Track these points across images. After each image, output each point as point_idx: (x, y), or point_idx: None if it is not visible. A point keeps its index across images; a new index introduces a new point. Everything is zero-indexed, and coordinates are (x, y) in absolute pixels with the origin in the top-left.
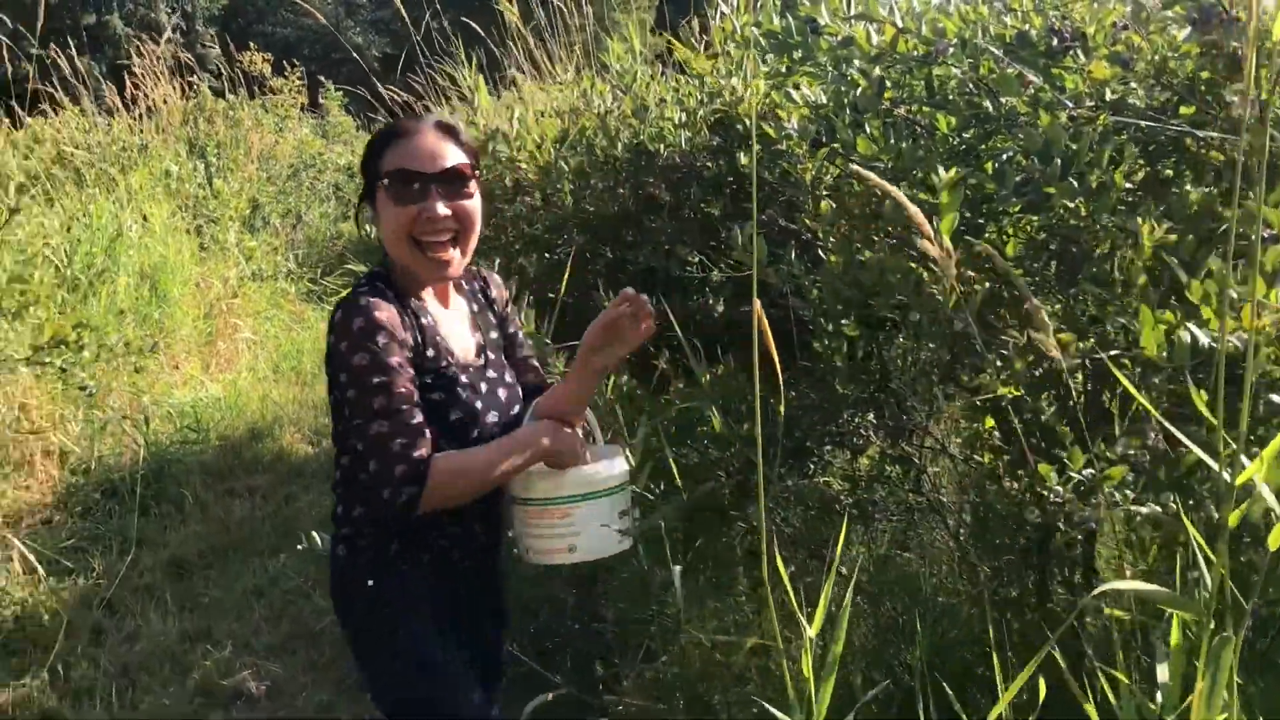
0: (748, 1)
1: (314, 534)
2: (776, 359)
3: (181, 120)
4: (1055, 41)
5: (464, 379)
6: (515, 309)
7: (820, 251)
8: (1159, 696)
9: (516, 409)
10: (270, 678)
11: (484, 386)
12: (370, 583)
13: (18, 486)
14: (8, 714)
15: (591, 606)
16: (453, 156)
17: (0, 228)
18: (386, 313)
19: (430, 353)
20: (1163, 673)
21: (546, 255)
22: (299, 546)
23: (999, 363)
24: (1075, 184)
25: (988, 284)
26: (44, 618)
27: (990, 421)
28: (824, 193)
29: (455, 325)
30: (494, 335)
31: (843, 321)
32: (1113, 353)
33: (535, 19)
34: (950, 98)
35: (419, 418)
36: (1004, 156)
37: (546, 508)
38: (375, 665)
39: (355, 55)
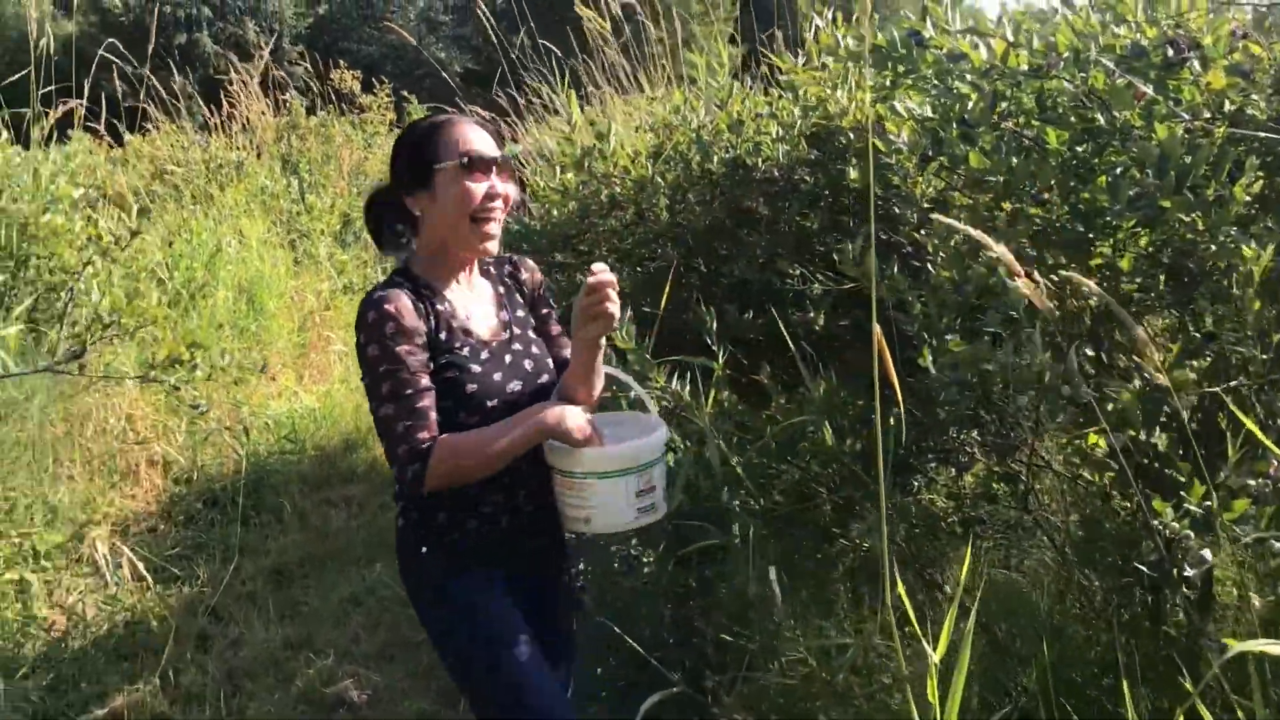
0: (843, 15)
1: None
2: (895, 380)
3: (275, 137)
4: (1171, 52)
5: (484, 355)
6: (551, 291)
7: (927, 265)
8: None
9: (545, 378)
10: (370, 686)
11: (508, 359)
12: (424, 549)
13: (125, 495)
14: (122, 718)
15: (689, 620)
16: (498, 147)
17: (122, 249)
18: (396, 304)
19: (443, 335)
20: None
21: (639, 269)
22: None
23: (1109, 396)
24: (1191, 198)
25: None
26: (152, 624)
27: (1096, 439)
28: (928, 206)
29: (478, 306)
30: (520, 314)
31: (947, 336)
32: (1230, 384)
33: (621, 34)
34: (1061, 111)
35: (424, 402)
36: (1117, 170)
37: (569, 479)
38: (433, 624)
39: (441, 71)
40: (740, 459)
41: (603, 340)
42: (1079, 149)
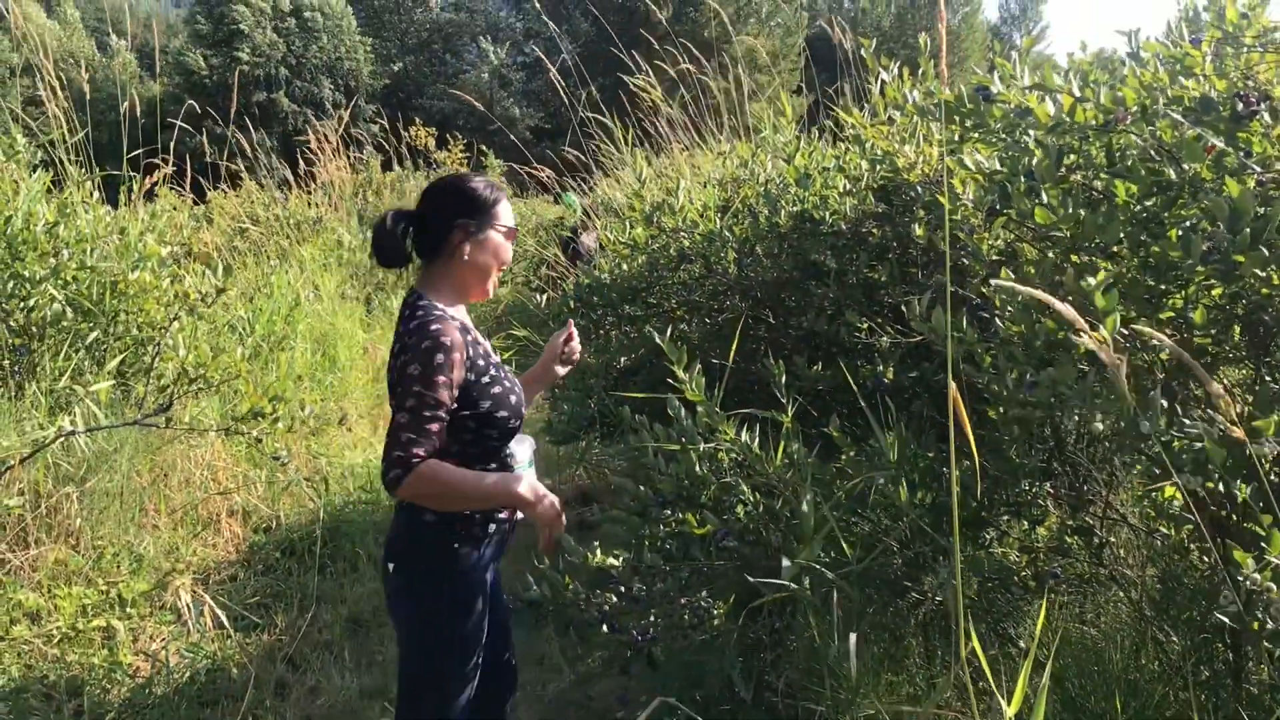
0: (909, 68)
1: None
2: (970, 433)
3: (351, 193)
4: (1240, 105)
5: (504, 377)
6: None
7: (995, 318)
8: None
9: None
10: None
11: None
12: (455, 545)
13: (207, 544)
14: None
15: (759, 674)
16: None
17: (209, 306)
18: (452, 338)
19: (480, 360)
20: None
21: (707, 321)
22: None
23: (1187, 443)
24: (1266, 253)
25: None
26: (233, 671)
27: (1173, 491)
28: (994, 257)
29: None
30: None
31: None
32: None
33: (685, 88)
34: (1130, 165)
35: (434, 426)
36: (1188, 224)
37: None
38: (436, 607)
39: (509, 129)
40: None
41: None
42: (1148, 202)
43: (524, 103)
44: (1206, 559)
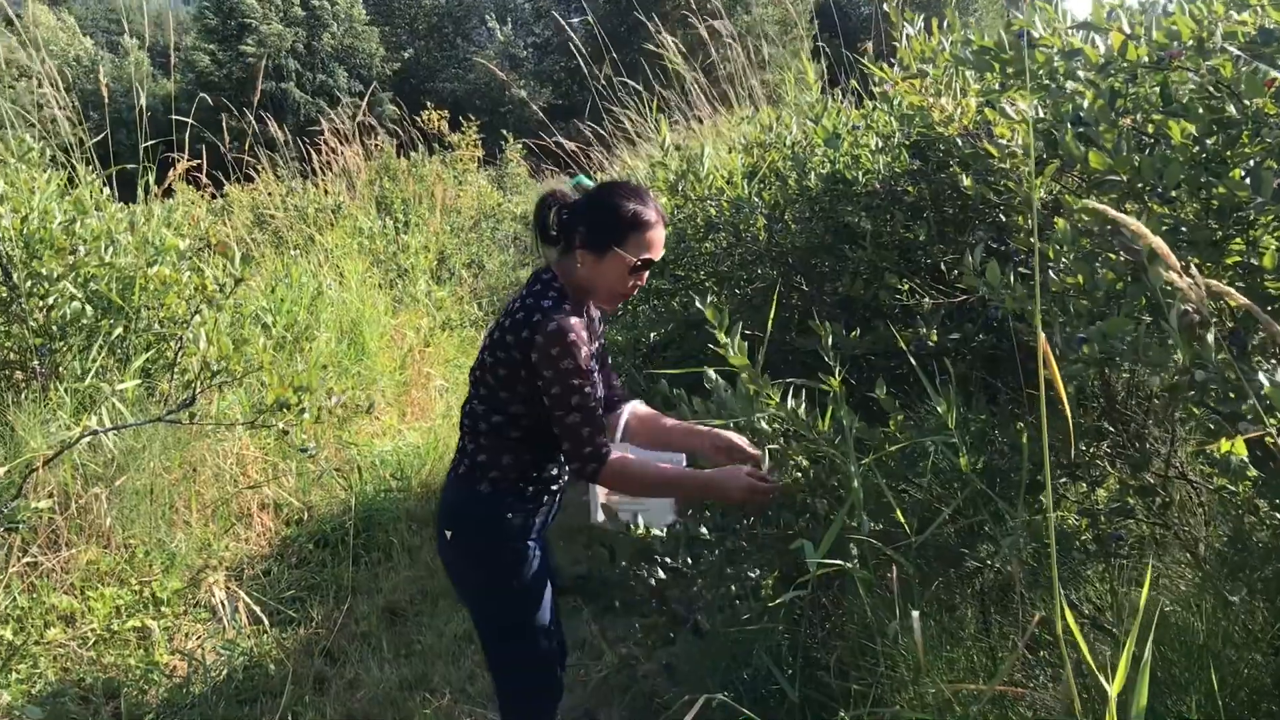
0: (938, 23)
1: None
2: (1068, 408)
3: (369, 180)
4: None
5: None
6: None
7: (1050, 270)
8: None
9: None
10: None
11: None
12: (509, 515)
13: (239, 539)
14: None
15: (806, 650)
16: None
17: (227, 296)
18: (580, 331)
19: (596, 346)
20: None
21: (738, 291)
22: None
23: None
24: None
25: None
26: (270, 667)
27: (1228, 446)
28: (1039, 210)
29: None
30: (596, 346)
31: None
32: None
33: (702, 57)
34: (1188, 103)
35: (601, 411)
36: (1252, 162)
37: None
38: (495, 577)
39: (527, 106)
40: (860, 480)
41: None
42: (1208, 142)
43: (534, 82)
44: (1277, 515)
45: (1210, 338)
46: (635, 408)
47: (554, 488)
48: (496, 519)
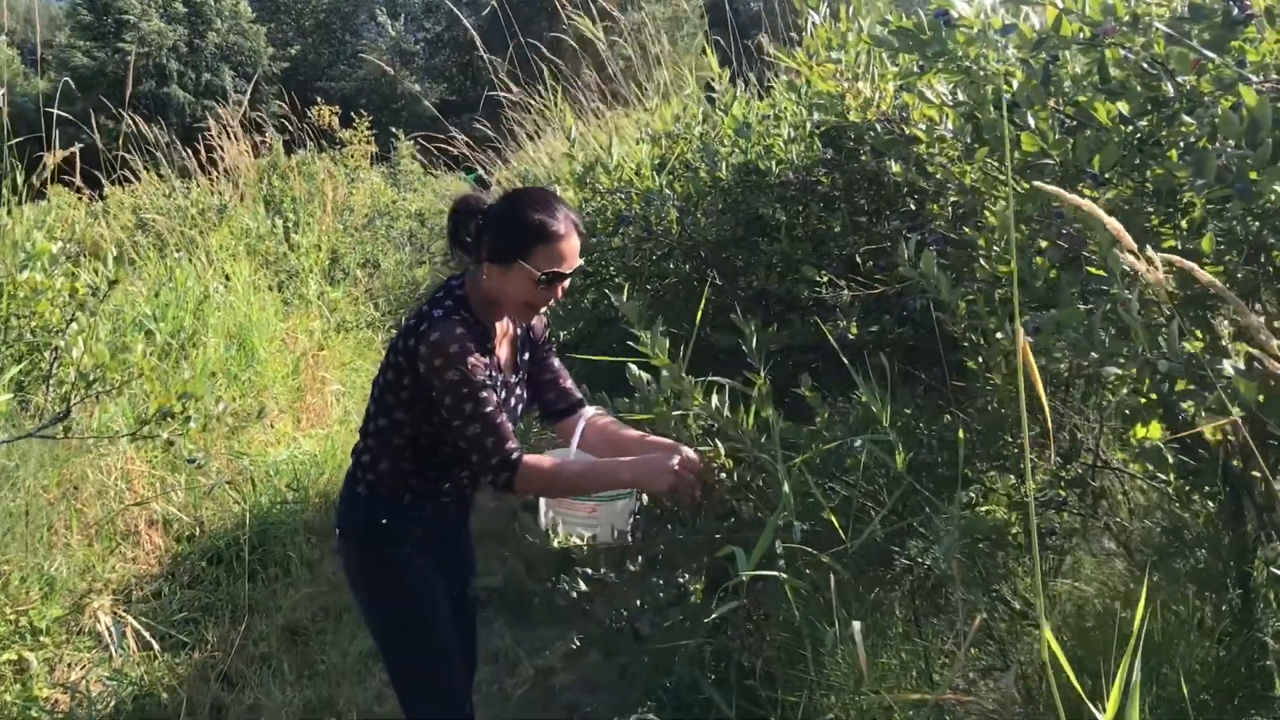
0: (845, 9)
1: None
2: (1044, 394)
3: (257, 178)
4: (1236, 11)
5: (500, 390)
6: (550, 339)
7: (977, 259)
8: None
9: (520, 409)
10: None
11: (513, 398)
12: (384, 521)
13: (125, 560)
14: None
15: (728, 656)
16: (579, 255)
17: (101, 300)
18: (465, 341)
19: (487, 361)
20: None
21: (649, 287)
22: None
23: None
24: None
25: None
26: (162, 696)
27: (1157, 431)
28: (952, 197)
29: (505, 345)
30: (526, 357)
31: (998, 335)
32: None
33: (598, 51)
34: (1125, 81)
35: (502, 418)
36: (1186, 142)
37: (582, 500)
38: (372, 586)
39: (421, 101)
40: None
41: None
42: (1140, 122)
43: (427, 78)
44: (1212, 504)
45: (1175, 326)
46: (593, 418)
47: (443, 500)
48: (371, 523)
